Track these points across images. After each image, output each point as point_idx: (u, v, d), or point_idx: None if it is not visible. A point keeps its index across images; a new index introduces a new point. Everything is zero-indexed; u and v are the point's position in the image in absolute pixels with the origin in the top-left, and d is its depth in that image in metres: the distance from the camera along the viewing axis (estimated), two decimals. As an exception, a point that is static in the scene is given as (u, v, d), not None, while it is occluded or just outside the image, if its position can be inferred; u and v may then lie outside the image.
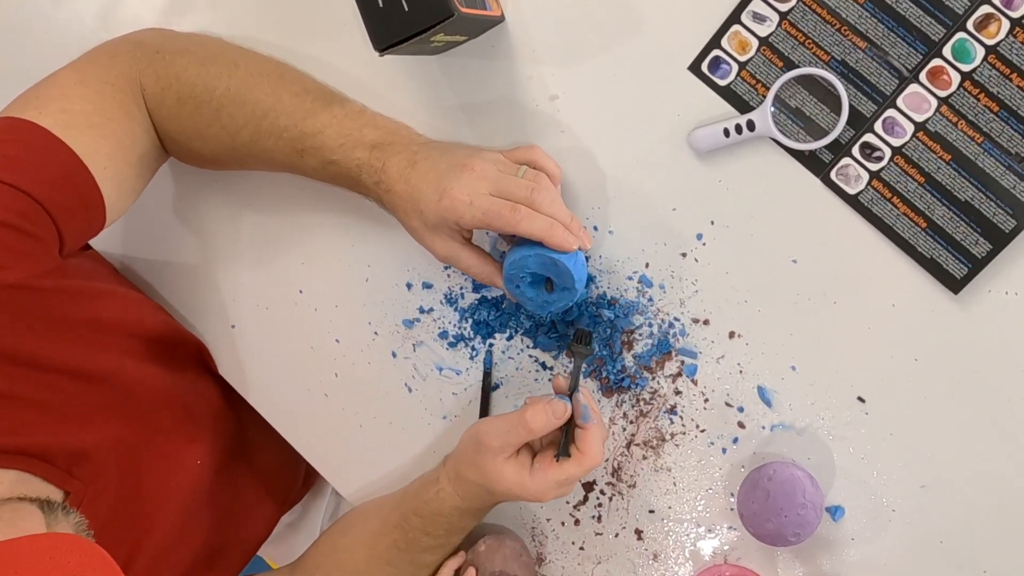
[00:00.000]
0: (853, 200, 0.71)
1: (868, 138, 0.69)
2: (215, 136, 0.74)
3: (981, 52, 0.66)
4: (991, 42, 0.66)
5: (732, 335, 0.76)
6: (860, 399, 0.74)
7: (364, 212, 0.81)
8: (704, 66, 0.72)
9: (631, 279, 0.77)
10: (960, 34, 0.66)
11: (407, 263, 0.82)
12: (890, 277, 0.71)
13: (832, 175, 0.71)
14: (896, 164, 0.69)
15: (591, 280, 0.78)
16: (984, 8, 0.65)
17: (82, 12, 0.85)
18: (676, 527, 0.80)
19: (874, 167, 0.70)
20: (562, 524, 0.83)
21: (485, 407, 0.83)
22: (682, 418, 0.78)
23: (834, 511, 0.76)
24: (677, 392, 0.78)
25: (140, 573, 0.73)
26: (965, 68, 0.67)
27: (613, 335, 0.78)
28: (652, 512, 0.80)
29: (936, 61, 0.67)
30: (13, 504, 0.57)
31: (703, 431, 0.78)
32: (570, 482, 0.70)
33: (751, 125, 0.70)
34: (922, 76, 0.67)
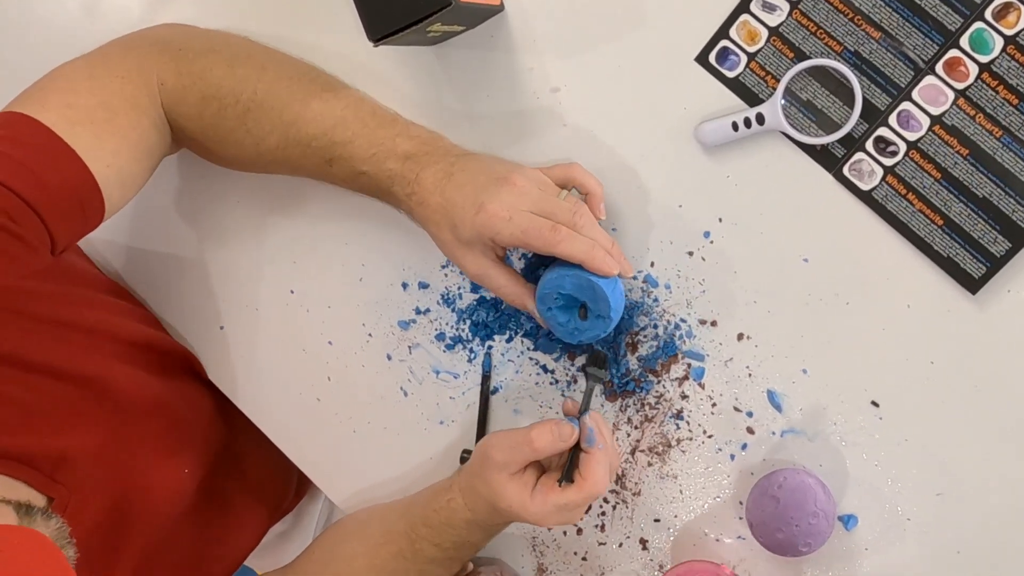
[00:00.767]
0: (867, 196, 0.70)
1: (882, 132, 0.69)
2: (239, 141, 0.73)
3: (1000, 43, 0.65)
4: (1010, 32, 0.65)
5: (741, 337, 0.75)
6: (874, 403, 0.73)
7: (359, 209, 0.81)
8: (712, 57, 0.71)
9: (636, 279, 0.77)
10: (978, 24, 0.65)
11: (403, 262, 0.82)
12: (905, 277, 0.71)
13: (845, 170, 0.70)
14: (911, 159, 0.69)
15: (627, 314, 0.76)
16: (1003, -4, 0.65)
17: (66, 1, 0.84)
18: (683, 537, 0.79)
19: (888, 162, 0.69)
20: (564, 534, 0.82)
21: (484, 412, 0.82)
22: (689, 423, 0.77)
23: (847, 520, 0.75)
24: (683, 396, 0.77)
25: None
26: (983, 59, 0.66)
27: (617, 337, 0.77)
28: (658, 521, 0.79)
29: (953, 52, 0.66)
30: None
31: (711, 437, 0.77)
32: (571, 508, 0.69)
33: (760, 119, 0.69)
34: (938, 68, 0.67)
